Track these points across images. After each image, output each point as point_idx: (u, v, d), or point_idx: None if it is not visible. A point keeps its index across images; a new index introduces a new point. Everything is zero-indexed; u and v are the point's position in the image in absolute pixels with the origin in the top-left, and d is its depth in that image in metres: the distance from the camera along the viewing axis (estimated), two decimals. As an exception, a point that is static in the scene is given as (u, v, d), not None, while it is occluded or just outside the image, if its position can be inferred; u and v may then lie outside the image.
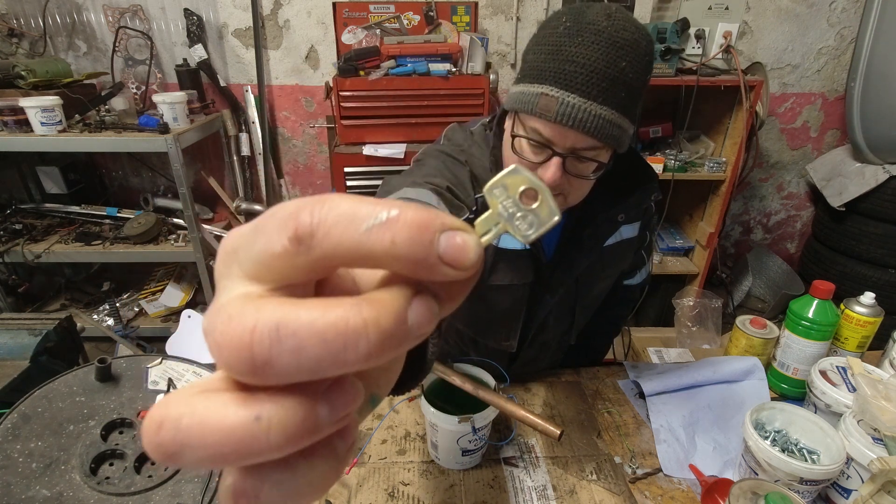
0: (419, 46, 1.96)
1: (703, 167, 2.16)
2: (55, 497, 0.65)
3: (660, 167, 2.06)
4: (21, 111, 1.81)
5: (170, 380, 0.81)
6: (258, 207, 2.47)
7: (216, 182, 2.41)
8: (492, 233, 0.18)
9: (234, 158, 2.40)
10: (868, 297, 0.95)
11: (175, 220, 2.25)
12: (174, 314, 2.28)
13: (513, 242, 0.86)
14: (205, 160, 2.47)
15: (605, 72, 0.64)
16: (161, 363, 0.83)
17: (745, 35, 2.32)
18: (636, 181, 0.88)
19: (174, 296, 2.32)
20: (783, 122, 2.54)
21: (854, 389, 0.82)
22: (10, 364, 0.97)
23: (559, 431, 0.73)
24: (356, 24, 2.09)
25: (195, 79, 2.20)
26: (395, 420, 0.93)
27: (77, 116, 1.96)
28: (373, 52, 1.94)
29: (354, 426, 0.17)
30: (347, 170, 2.03)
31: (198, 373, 0.83)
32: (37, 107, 1.79)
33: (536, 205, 0.18)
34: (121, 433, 0.74)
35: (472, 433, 0.77)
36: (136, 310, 2.34)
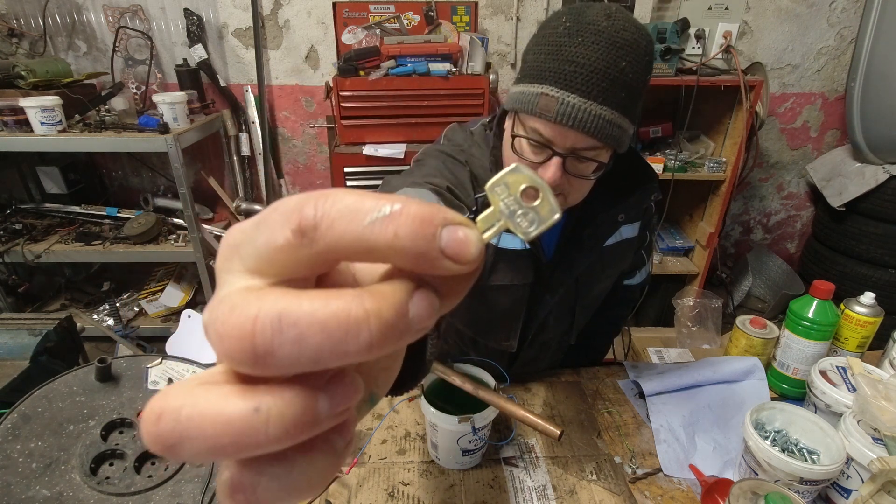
0: (419, 46, 1.96)
1: (703, 167, 2.16)
2: (55, 497, 0.65)
3: (660, 167, 2.06)
4: (21, 111, 1.82)
5: (170, 380, 0.81)
6: (258, 207, 2.47)
7: (216, 182, 2.41)
8: (493, 229, 0.18)
9: (234, 158, 2.40)
10: (868, 297, 0.95)
11: (175, 220, 2.25)
12: (174, 314, 2.28)
13: (513, 243, 0.86)
14: (205, 160, 2.47)
15: (606, 72, 0.64)
16: (161, 363, 0.83)
17: (745, 35, 2.32)
18: (636, 181, 0.88)
19: (174, 296, 2.32)
20: (783, 122, 2.54)
21: (854, 389, 0.82)
22: (10, 364, 0.97)
23: (559, 431, 0.73)
24: (356, 24, 2.09)
25: (195, 79, 2.20)
26: (395, 420, 0.93)
27: (77, 116, 1.96)
28: (373, 52, 1.94)
29: (353, 423, 0.17)
30: (347, 170, 2.03)
31: (198, 373, 0.83)
32: (37, 107, 1.79)
33: (537, 203, 0.18)
34: (121, 433, 0.74)
35: (472, 433, 0.77)
36: (136, 310, 2.34)
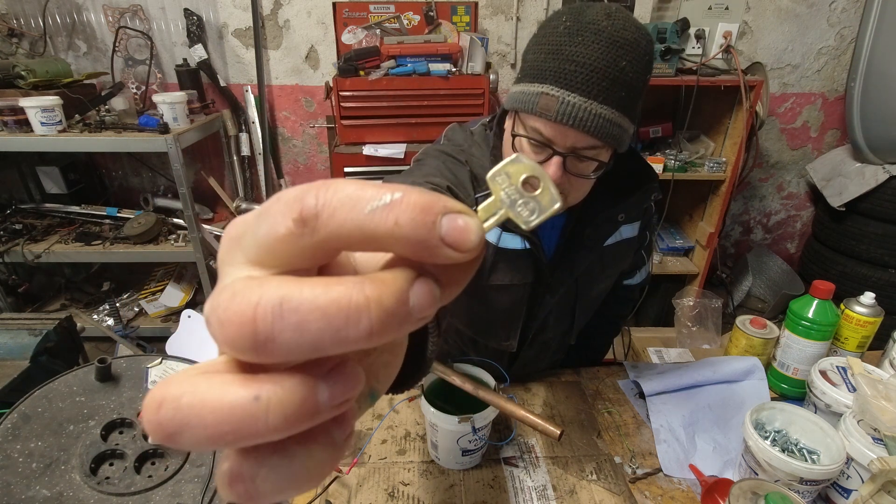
0: (419, 46, 1.96)
1: (703, 167, 2.16)
2: (55, 497, 0.65)
3: (660, 167, 2.06)
4: (21, 111, 1.81)
5: (170, 380, 0.81)
6: (258, 207, 2.47)
7: (216, 182, 2.41)
8: (494, 218, 0.19)
9: (234, 158, 2.40)
10: (868, 297, 0.95)
11: (175, 220, 2.25)
12: (174, 314, 2.28)
13: (513, 242, 0.86)
14: (205, 160, 2.47)
15: (606, 71, 0.64)
16: (161, 363, 0.83)
17: (745, 35, 2.32)
18: (636, 181, 0.88)
19: (174, 296, 2.32)
20: (783, 122, 2.54)
21: (854, 389, 0.82)
22: (10, 364, 0.97)
23: (559, 431, 0.73)
24: (356, 24, 2.09)
25: (195, 79, 2.20)
26: (395, 420, 0.93)
27: (77, 116, 1.96)
28: (373, 52, 1.94)
29: (353, 416, 0.17)
30: (347, 170, 2.03)
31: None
32: (37, 107, 1.79)
33: (538, 192, 0.18)
34: (121, 433, 0.74)
35: (472, 433, 0.77)
36: (136, 310, 2.34)
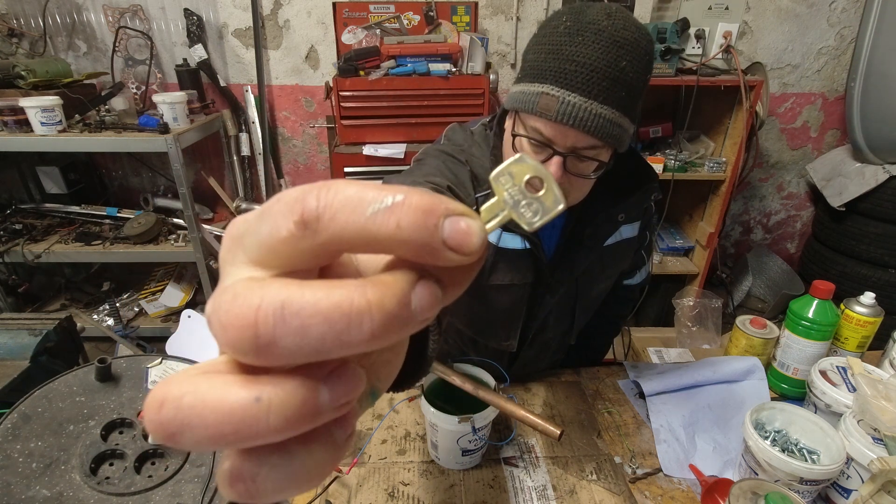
0: (419, 46, 1.96)
1: (703, 167, 2.16)
2: (55, 497, 0.65)
3: (660, 167, 2.06)
4: (21, 111, 1.81)
5: (170, 380, 0.81)
6: (258, 207, 2.47)
7: (216, 182, 2.41)
8: (497, 219, 0.18)
9: (234, 158, 2.40)
10: (868, 297, 0.95)
11: (175, 220, 2.25)
12: (174, 314, 2.28)
13: (513, 242, 0.86)
14: (205, 160, 2.47)
15: (606, 71, 0.64)
16: (161, 363, 0.83)
17: (745, 35, 2.32)
18: (636, 181, 0.88)
19: (174, 296, 2.32)
20: (783, 122, 2.54)
21: (854, 389, 0.82)
22: (10, 364, 0.97)
23: (559, 431, 0.73)
24: (356, 24, 2.09)
25: (195, 79, 2.20)
26: (395, 420, 0.93)
27: (77, 116, 1.96)
28: (373, 52, 1.94)
29: (354, 416, 0.17)
30: (347, 170, 2.03)
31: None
32: (37, 107, 1.79)
33: (541, 193, 0.18)
34: (121, 433, 0.74)
35: (472, 433, 0.77)
36: (136, 310, 2.34)
